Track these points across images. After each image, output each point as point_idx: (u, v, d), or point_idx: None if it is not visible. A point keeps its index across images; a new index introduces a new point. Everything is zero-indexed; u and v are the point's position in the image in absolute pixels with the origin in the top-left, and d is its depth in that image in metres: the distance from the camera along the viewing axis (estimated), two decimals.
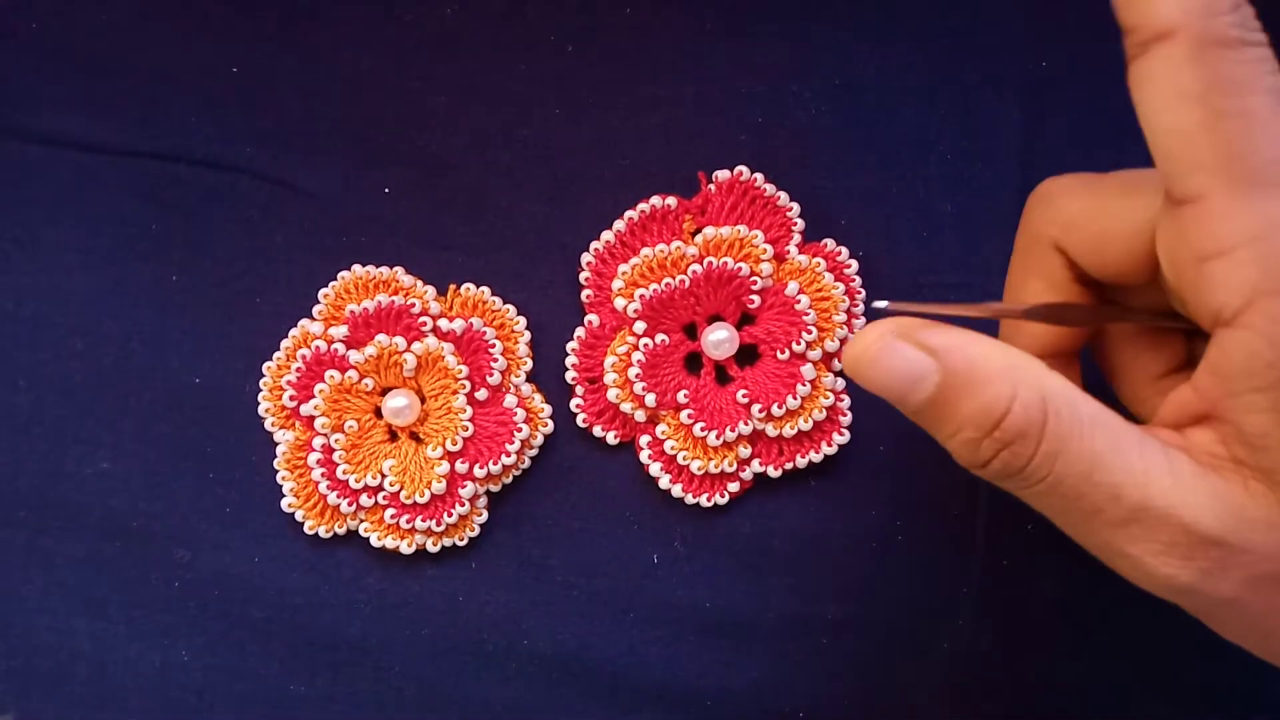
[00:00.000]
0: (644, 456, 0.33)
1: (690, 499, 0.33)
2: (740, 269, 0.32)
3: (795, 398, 0.32)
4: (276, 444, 0.33)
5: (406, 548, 0.33)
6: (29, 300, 0.34)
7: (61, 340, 0.34)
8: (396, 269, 0.34)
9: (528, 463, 0.34)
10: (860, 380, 0.24)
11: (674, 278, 0.33)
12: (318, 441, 0.33)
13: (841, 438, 0.33)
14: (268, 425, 0.33)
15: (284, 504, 0.33)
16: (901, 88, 0.35)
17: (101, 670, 0.34)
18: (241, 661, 0.34)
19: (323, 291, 0.34)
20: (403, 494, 0.32)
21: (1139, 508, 0.22)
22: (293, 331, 0.33)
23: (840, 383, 0.33)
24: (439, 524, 0.33)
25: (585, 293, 0.34)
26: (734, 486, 0.33)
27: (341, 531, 0.33)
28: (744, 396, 0.33)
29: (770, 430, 0.33)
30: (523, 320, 0.34)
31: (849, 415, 0.33)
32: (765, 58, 0.35)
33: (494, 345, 0.33)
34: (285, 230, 0.34)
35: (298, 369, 0.33)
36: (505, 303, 0.34)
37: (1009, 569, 0.34)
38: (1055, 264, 0.27)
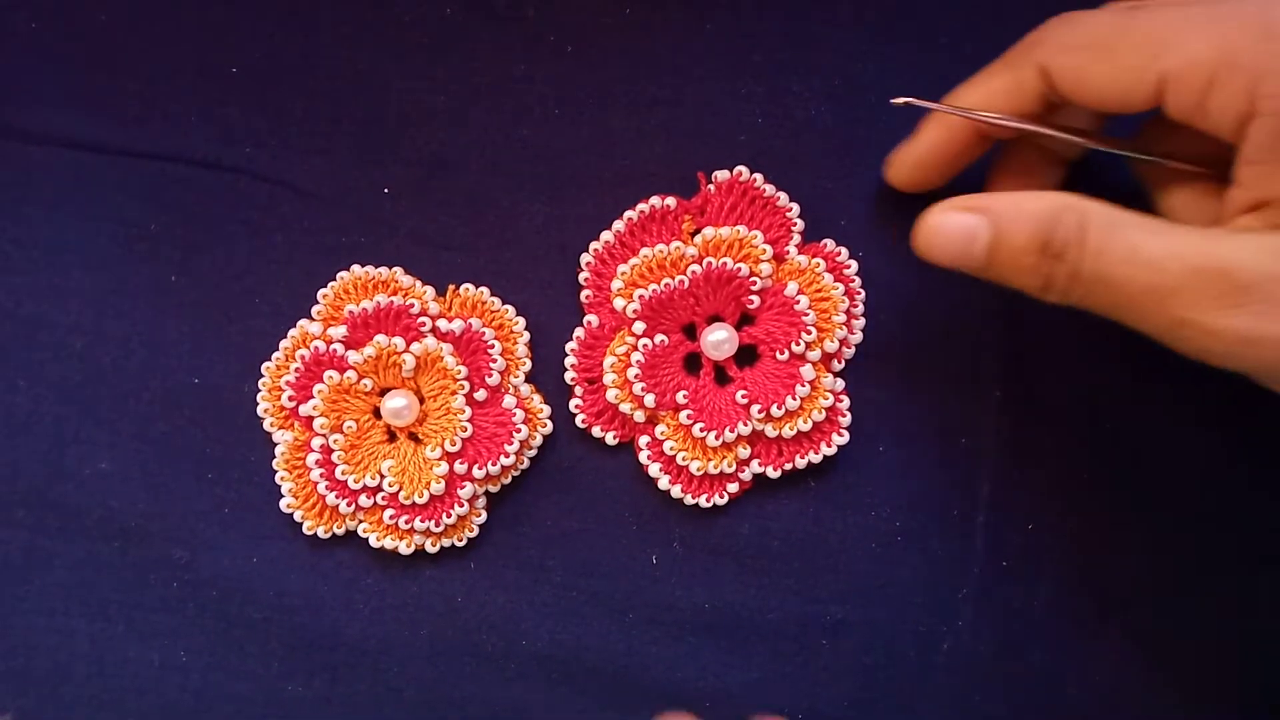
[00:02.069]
0: (643, 457, 0.33)
1: (689, 499, 0.33)
2: (740, 269, 0.32)
3: (795, 398, 0.32)
4: (275, 444, 0.33)
5: (405, 548, 0.33)
6: (28, 300, 0.34)
7: (60, 340, 0.34)
8: (395, 269, 0.34)
9: (526, 463, 0.34)
10: (931, 255, 0.28)
11: (673, 278, 0.32)
12: (316, 442, 0.33)
13: (841, 438, 0.33)
14: (266, 425, 0.33)
15: (283, 504, 0.33)
16: (901, 88, 0.35)
17: (100, 670, 0.33)
18: (240, 662, 0.33)
19: (322, 292, 0.33)
20: (401, 494, 0.32)
21: (1185, 272, 0.24)
22: (291, 332, 0.33)
23: (840, 383, 0.33)
24: (438, 524, 0.33)
25: (585, 293, 0.34)
26: (733, 487, 0.33)
27: (340, 532, 0.33)
28: (743, 397, 0.32)
29: (769, 431, 0.33)
30: (522, 321, 0.34)
31: (848, 416, 0.33)
32: (765, 58, 0.35)
33: (493, 346, 0.33)
34: (284, 230, 0.34)
35: (296, 369, 0.33)
36: (504, 303, 0.34)
37: (1009, 569, 0.34)
38: (1030, 75, 0.29)
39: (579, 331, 0.33)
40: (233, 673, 0.33)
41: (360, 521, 0.33)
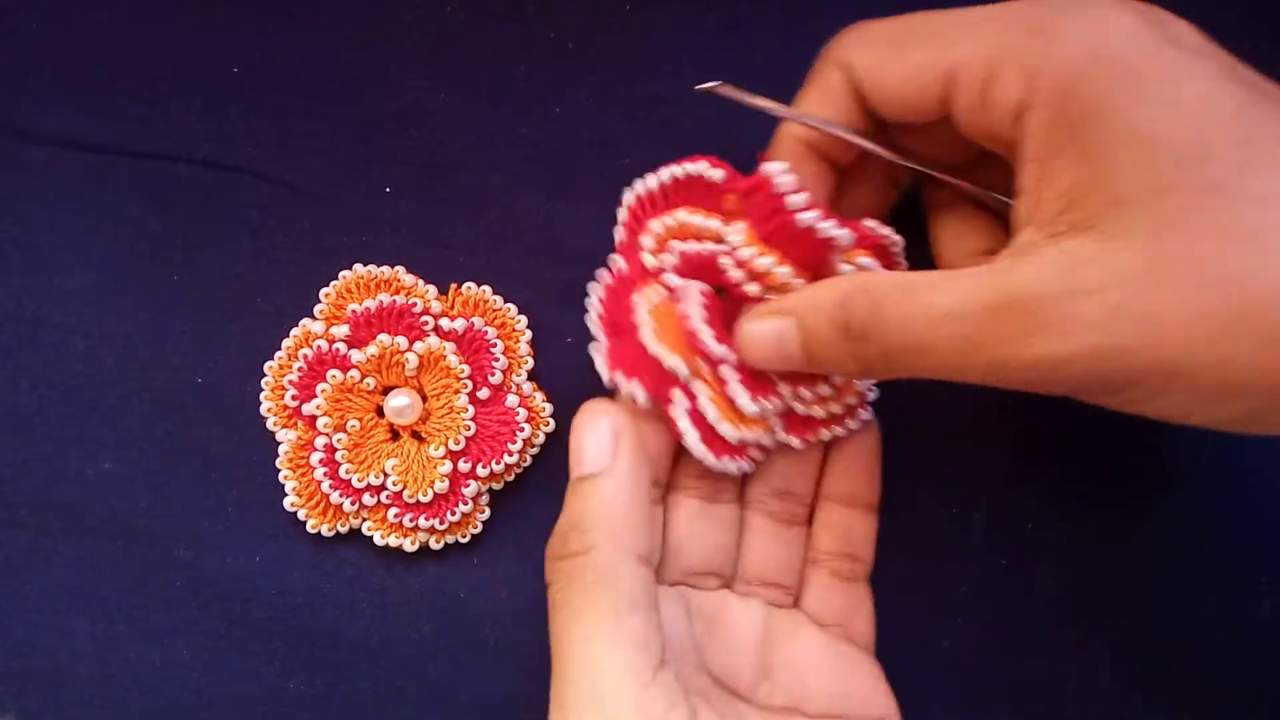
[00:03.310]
0: (674, 411, 0.30)
1: (713, 461, 0.31)
2: (782, 275, 0.29)
3: (830, 386, 0.31)
4: (278, 443, 0.33)
5: (409, 546, 0.33)
6: (29, 300, 0.34)
7: (62, 340, 0.34)
8: (397, 268, 0.34)
9: (530, 461, 0.34)
10: (757, 362, 0.28)
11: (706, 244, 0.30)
12: (320, 441, 0.33)
13: (866, 413, 0.32)
14: (270, 425, 0.33)
15: (286, 503, 0.33)
16: None
17: (102, 670, 0.33)
18: (243, 661, 0.33)
19: (324, 291, 0.34)
20: (405, 493, 0.32)
21: (983, 314, 0.23)
22: (294, 331, 0.33)
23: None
24: (442, 522, 0.33)
25: (618, 232, 0.32)
26: (757, 454, 0.32)
27: (344, 530, 0.33)
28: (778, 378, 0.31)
29: (799, 408, 0.31)
30: (524, 319, 0.34)
31: (875, 390, 0.32)
32: (765, 57, 0.35)
33: (495, 344, 0.33)
34: (286, 230, 0.34)
35: (299, 368, 0.33)
36: (506, 302, 0.34)
37: (1009, 569, 0.34)
38: (836, 77, 0.29)
39: (603, 275, 0.32)
40: (235, 672, 0.33)
41: (364, 520, 0.33)
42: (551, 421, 0.34)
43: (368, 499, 0.33)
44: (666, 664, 0.25)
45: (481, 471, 0.33)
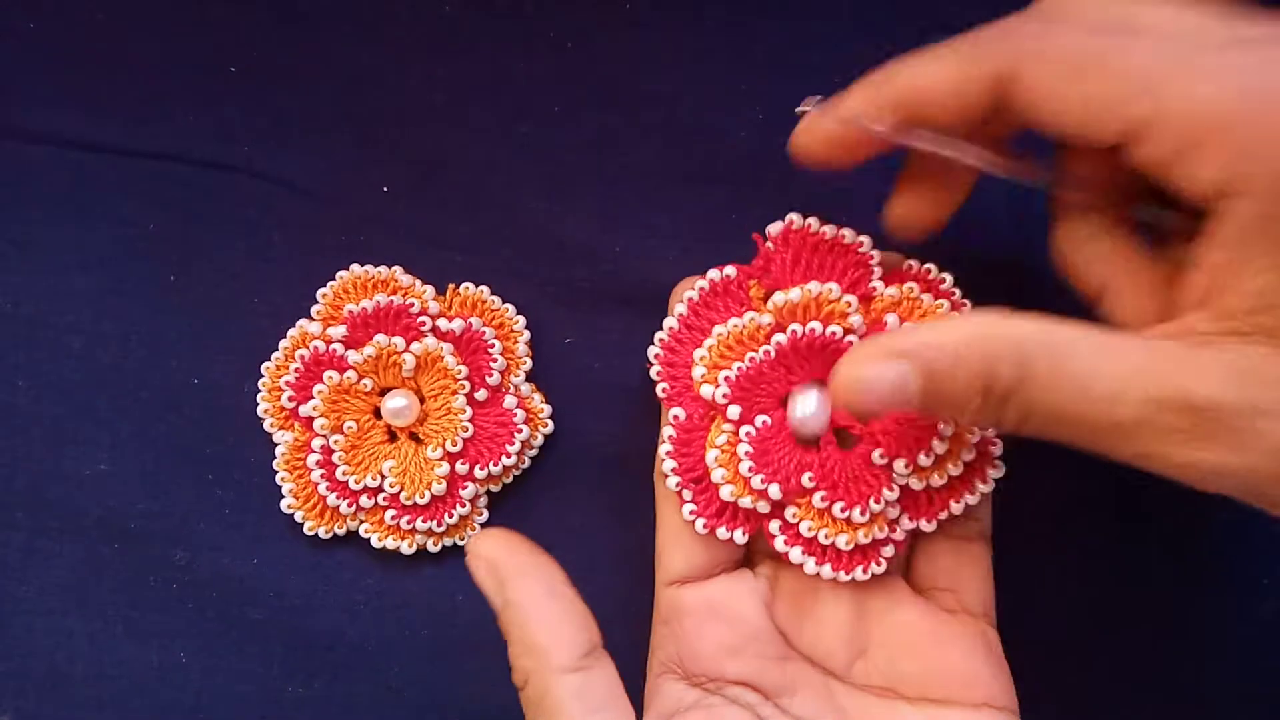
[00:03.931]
0: (779, 544, 0.29)
1: (844, 576, 0.29)
2: (830, 332, 0.28)
3: (941, 439, 0.28)
4: (275, 445, 0.33)
5: (407, 548, 0.33)
6: (27, 300, 0.34)
7: (59, 340, 0.34)
8: (395, 268, 0.33)
9: (528, 463, 0.34)
10: (863, 410, 0.25)
11: (757, 350, 0.29)
12: (317, 442, 0.33)
13: (996, 470, 0.29)
14: (266, 426, 0.33)
15: (283, 505, 0.33)
16: None
17: (99, 671, 0.33)
18: (240, 663, 0.33)
19: (321, 291, 0.33)
20: (403, 495, 0.32)
21: (1144, 405, 0.21)
22: (291, 332, 0.33)
23: None
24: (439, 524, 0.32)
25: (660, 386, 0.30)
26: (889, 550, 0.29)
27: (341, 532, 0.33)
28: (881, 456, 0.28)
29: (915, 483, 0.28)
30: (522, 320, 0.34)
31: (999, 444, 0.29)
32: (765, 56, 0.35)
33: (493, 345, 0.33)
34: (283, 230, 0.34)
35: (296, 369, 0.33)
36: (504, 302, 0.34)
37: (1009, 569, 0.34)
38: (984, 74, 0.25)
39: (668, 430, 0.29)
40: (233, 674, 0.33)
41: (361, 522, 0.33)
42: (550, 423, 0.34)
43: (365, 501, 0.32)
44: None
45: (479, 473, 0.32)
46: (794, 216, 0.30)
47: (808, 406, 0.29)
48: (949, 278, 0.30)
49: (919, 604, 0.30)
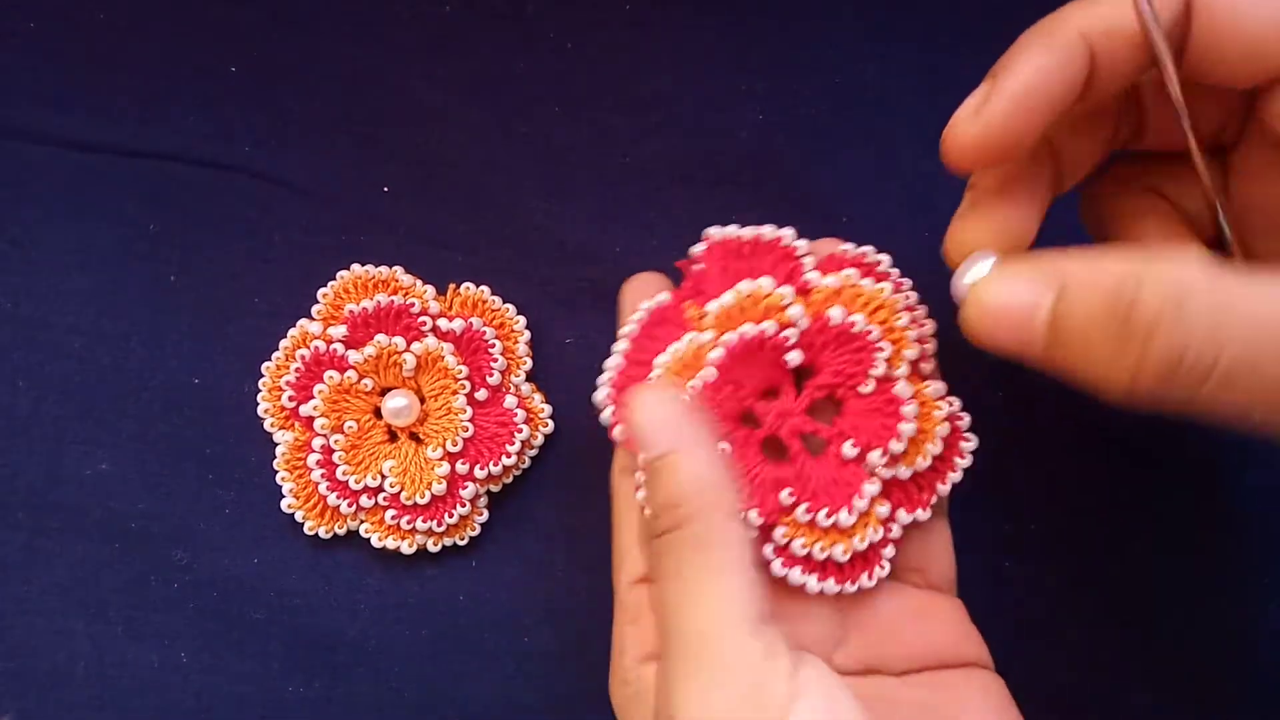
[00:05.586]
0: (777, 569, 0.28)
1: (851, 587, 0.28)
2: (765, 330, 0.27)
3: (909, 421, 0.27)
4: (276, 445, 0.33)
5: (407, 548, 0.33)
6: (27, 300, 0.34)
7: (60, 340, 0.34)
8: (395, 268, 0.34)
9: (528, 463, 0.34)
10: (984, 339, 0.23)
11: (698, 371, 0.28)
12: (317, 442, 0.33)
13: (970, 443, 0.29)
14: (267, 426, 0.33)
15: (283, 505, 0.33)
16: (901, 88, 0.35)
17: (100, 671, 0.33)
18: (240, 663, 0.33)
19: (321, 291, 0.33)
20: (403, 495, 0.32)
21: None
22: (291, 331, 0.33)
23: (942, 386, 0.28)
24: (439, 524, 0.32)
25: (616, 429, 0.29)
26: (890, 551, 0.28)
27: (341, 532, 0.33)
28: (853, 447, 0.28)
29: (902, 471, 0.28)
30: (522, 320, 0.34)
31: (966, 416, 0.29)
32: (765, 57, 0.35)
33: (494, 345, 0.33)
34: (284, 230, 0.34)
35: (297, 369, 0.33)
36: (505, 302, 0.34)
37: (1009, 569, 0.34)
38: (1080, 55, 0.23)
39: (639, 475, 0.28)
40: (233, 674, 0.33)
41: (362, 522, 0.33)
42: (550, 423, 0.34)
43: (365, 501, 0.32)
44: (769, 619, 0.24)
45: (479, 473, 0.32)
46: (711, 230, 0.29)
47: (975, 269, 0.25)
48: (886, 258, 0.29)
49: (893, 588, 0.30)
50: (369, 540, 0.33)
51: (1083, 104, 0.24)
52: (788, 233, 0.29)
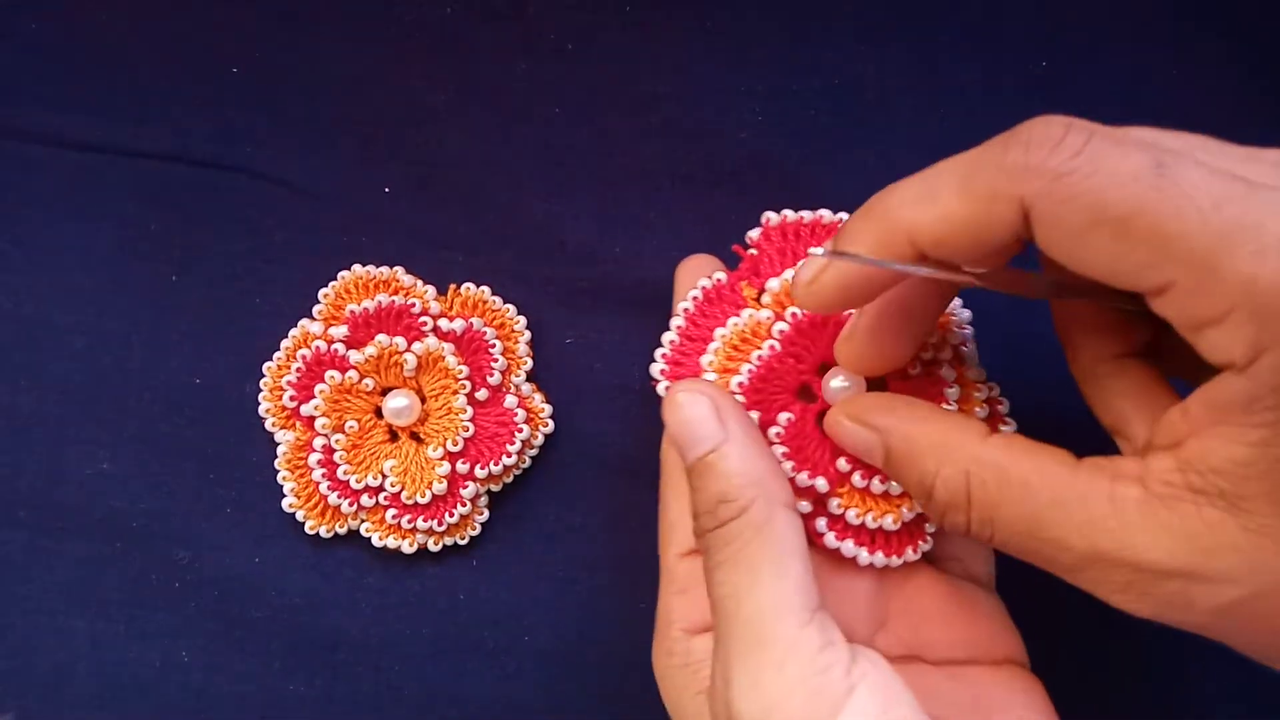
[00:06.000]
0: (829, 541, 0.28)
1: (897, 561, 0.29)
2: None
3: (951, 403, 0.28)
4: (277, 444, 0.33)
5: (408, 547, 0.33)
6: (28, 300, 0.34)
7: (61, 340, 0.34)
8: (396, 268, 0.34)
9: (528, 462, 0.34)
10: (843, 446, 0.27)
11: (762, 346, 0.28)
12: (318, 442, 0.33)
13: (1009, 426, 0.29)
14: (268, 425, 0.33)
15: (284, 504, 0.33)
16: (901, 88, 0.35)
17: (101, 670, 0.33)
18: (241, 662, 0.33)
19: (322, 291, 0.33)
20: (404, 494, 0.32)
21: (1088, 555, 0.22)
22: (293, 331, 0.33)
23: (983, 371, 0.29)
24: (440, 524, 0.33)
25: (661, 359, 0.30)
26: (932, 526, 0.29)
27: (342, 531, 0.33)
28: None
29: None
30: (523, 320, 0.34)
31: (1005, 403, 0.30)
32: (765, 57, 0.35)
33: (494, 345, 0.33)
34: (285, 230, 0.34)
35: (298, 369, 0.33)
36: (505, 302, 0.34)
37: (1009, 569, 0.34)
38: (1007, 210, 0.22)
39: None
40: (234, 673, 0.33)
41: (362, 521, 0.33)
42: (550, 422, 0.34)
43: (366, 500, 0.33)
44: (823, 609, 0.25)
45: (480, 473, 0.32)
46: (769, 215, 0.30)
47: (841, 380, 0.28)
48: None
49: (933, 572, 0.30)
50: (370, 539, 0.33)
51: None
52: (845, 216, 0.30)
